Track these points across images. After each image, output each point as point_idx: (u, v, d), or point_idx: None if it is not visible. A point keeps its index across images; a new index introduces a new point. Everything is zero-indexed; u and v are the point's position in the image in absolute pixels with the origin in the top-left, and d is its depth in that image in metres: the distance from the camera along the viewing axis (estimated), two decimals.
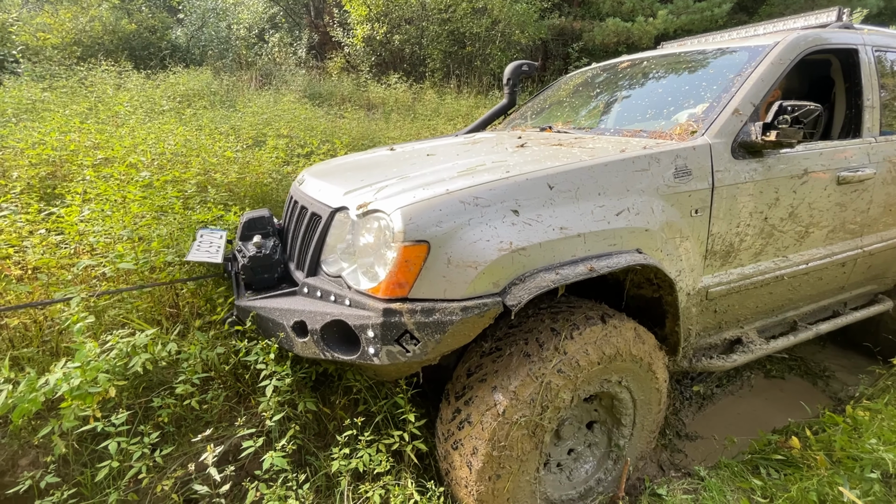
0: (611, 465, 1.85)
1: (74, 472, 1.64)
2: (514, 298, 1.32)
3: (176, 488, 1.64)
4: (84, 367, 1.50)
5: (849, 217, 2.23)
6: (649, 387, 1.75)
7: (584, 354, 1.52)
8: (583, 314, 1.60)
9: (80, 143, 3.50)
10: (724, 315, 2.01)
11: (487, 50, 10.40)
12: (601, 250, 1.49)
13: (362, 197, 1.52)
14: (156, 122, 4.78)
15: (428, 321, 1.30)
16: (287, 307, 1.55)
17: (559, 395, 1.48)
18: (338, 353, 1.44)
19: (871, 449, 1.85)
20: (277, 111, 6.18)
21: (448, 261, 1.32)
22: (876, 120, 2.29)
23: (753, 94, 1.89)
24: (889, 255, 2.55)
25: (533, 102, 3.22)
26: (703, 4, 10.15)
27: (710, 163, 1.74)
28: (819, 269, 2.22)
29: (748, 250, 1.94)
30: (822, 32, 2.15)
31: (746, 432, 2.43)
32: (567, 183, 1.49)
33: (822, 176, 2.05)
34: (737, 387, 2.95)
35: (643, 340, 1.66)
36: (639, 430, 1.84)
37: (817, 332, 2.38)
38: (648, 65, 2.52)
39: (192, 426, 1.84)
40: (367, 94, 8.80)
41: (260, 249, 1.79)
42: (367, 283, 1.41)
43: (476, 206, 1.37)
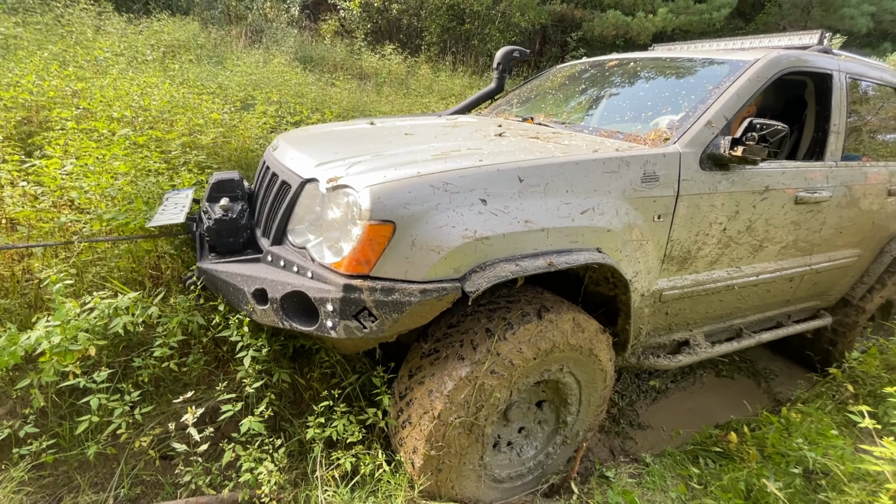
0: (559, 440, 1.94)
1: (52, 424, 1.68)
2: (473, 285, 1.36)
3: (152, 445, 1.71)
4: (64, 325, 1.54)
5: (802, 235, 2.35)
6: (592, 369, 1.81)
7: (517, 353, 1.55)
8: (519, 311, 1.61)
9: (59, 90, 3.33)
10: (675, 318, 2.11)
11: (486, 29, 10.21)
12: (563, 246, 1.53)
13: (334, 171, 1.51)
14: (139, 73, 4.58)
15: (387, 300, 1.33)
16: (249, 274, 1.55)
17: (494, 394, 1.54)
18: (296, 324, 1.46)
19: (797, 447, 2.03)
20: (267, 73, 5.96)
21: (412, 243, 1.34)
22: (839, 145, 2.40)
23: (728, 107, 1.95)
24: (834, 275, 2.71)
25: (520, 90, 3.22)
26: (702, 6, 10.18)
27: (677, 171, 1.80)
28: (768, 281, 2.35)
29: (704, 258, 2.02)
30: (800, 54, 2.22)
31: (692, 425, 2.61)
32: (537, 177, 1.52)
33: (782, 194, 2.14)
34: (689, 383, 3.14)
35: (583, 329, 1.70)
36: (585, 406, 1.91)
37: (759, 340, 2.52)
38: (635, 66, 2.55)
39: (170, 387, 1.89)
40: (361, 63, 8.54)
41: (227, 213, 1.77)
42: (330, 258, 1.42)
43: (445, 192, 1.39)
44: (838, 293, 2.90)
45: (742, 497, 1.86)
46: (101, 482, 1.70)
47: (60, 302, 1.59)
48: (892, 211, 2.76)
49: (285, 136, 2.14)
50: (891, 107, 2.78)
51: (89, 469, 1.71)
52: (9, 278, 1.91)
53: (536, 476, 1.92)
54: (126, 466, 1.71)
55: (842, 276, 2.78)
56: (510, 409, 1.79)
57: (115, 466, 1.72)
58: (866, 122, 2.67)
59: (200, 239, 1.84)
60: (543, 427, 1.93)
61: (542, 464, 1.92)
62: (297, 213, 1.62)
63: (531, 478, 1.91)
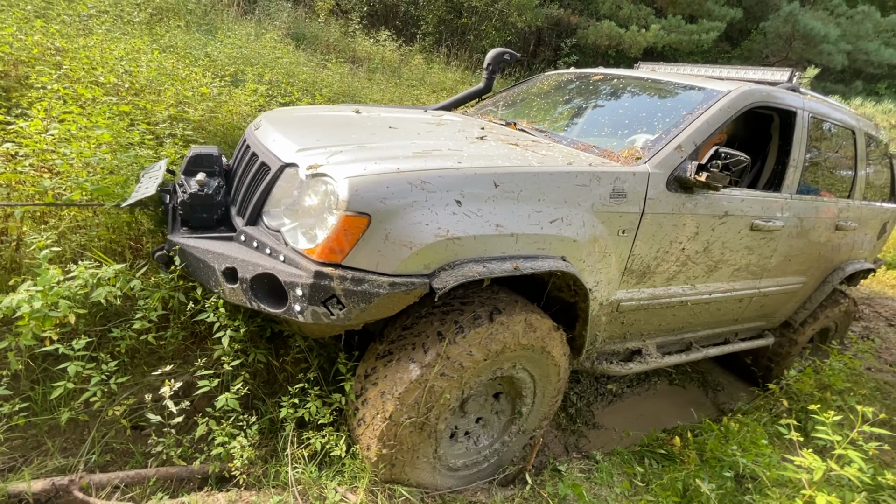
0: (515, 429, 2.03)
1: (25, 388, 1.68)
2: (441, 282, 1.42)
3: (125, 414, 1.73)
4: (47, 291, 1.55)
5: (754, 260, 2.51)
6: (545, 364, 1.88)
7: (467, 356, 1.59)
8: (471, 313, 1.64)
9: (41, 46, 3.18)
10: (631, 327, 2.23)
11: (483, 26, 10.21)
12: (530, 252, 1.61)
13: (314, 158, 1.53)
14: (125, 35, 4.40)
15: (356, 290, 1.37)
16: (221, 251, 1.56)
17: (444, 395, 1.61)
18: (264, 305, 1.48)
19: (731, 454, 2.21)
20: (258, 48, 5.80)
21: (386, 237, 1.39)
22: (796, 179, 2.56)
23: (698, 134, 2.06)
24: (780, 299, 2.90)
25: (508, 93, 3.27)
26: (693, 27, 10.48)
27: (645, 190, 1.89)
28: (720, 300, 2.50)
29: (662, 274, 2.14)
30: (770, 90, 2.35)
31: (642, 428, 2.79)
32: (512, 184, 1.58)
33: (739, 220, 2.28)
34: (644, 389, 3.33)
35: (535, 329, 1.74)
36: (540, 398, 2.00)
37: (707, 354, 2.69)
38: (618, 83, 2.64)
39: (145, 359, 1.91)
40: (354, 46, 8.39)
41: (203, 188, 1.76)
42: (304, 244, 1.45)
43: (422, 190, 1.43)
44: (782, 316, 3.10)
45: (679, 496, 2.02)
46: (71, 447, 1.71)
47: (45, 268, 1.60)
48: (837, 244, 2.97)
49: (268, 115, 2.13)
50: (847, 147, 2.97)
51: (60, 434, 1.72)
52: None
53: (493, 463, 2.01)
54: (97, 434, 1.72)
55: (787, 301, 2.98)
56: (467, 402, 1.87)
57: (86, 433, 1.73)
58: (823, 160, 2.85)
59: (173, 211, 1.82)
60: (500, 417, 2.02)
61: (499, 451, 2.02)
62: (274, 195, 1.63)
63: (487, 465, 2.00)
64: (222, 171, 1.95)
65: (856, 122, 2.98)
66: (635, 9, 10.60)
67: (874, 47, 11.72)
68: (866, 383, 3.30)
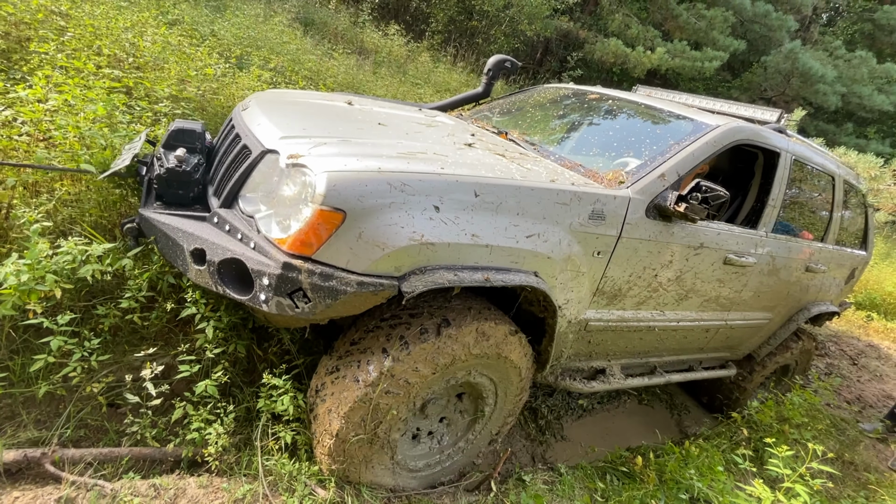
0: (479, 428, 2.05)
1: (3, 358, 1.68)
2: (410, 286, 1.41)
3: (102, 392, 1.72)
4: (34, 265, 1.56)
5: (724, 293, 2.56)
6: (504, 367, 1.87)
7: (413, 373, 1.58)
8: (418, 327, 1.61)
9: (46, 10, 3.08)
10: (597, 347, 2.26)
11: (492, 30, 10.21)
12: (503, 264, 1.61)
13: (297, 147, 1.52)
14: (131, 4, 4.30)
15: (323, 285, 1.36)
16: (191, 231, 1.53)
17: (391, 411, 1.61)
18: (230, 290, 1.46)
19: (689, 477, 2.27)
20: (265, 31, 5.70)
21: (359, 235, 1.38)
22: (773, 217, 2.62)
23: (682, 165, 2.09)
24: (746, 332, 2.98)
25: (506, 100, 3.28)
26: (697, 54, 10.63)
27: (624, 214, 1.92)
28: (687, 329, 2.55)
29: (633, 298, 2.18)
30: (757, 129, 2.40)
31: (607, 445, 2.85)
32: (493, 195, 1.58)
33: (713, 253, 2.32)
34: (614, 406, 3.40)
35: (488, 337, 1.72)
36: (502, 398, 2.00)
37: (669, 379, 2.74)
38: (613, 104, 2.66)
39: (127, 338, 1.91)
40: (362, 37, 8.29)
41: (181, 164, 1.73)
42: (276, 233, 1.43)
43: (402, 193, 1.43)
44: (746, 349, 3.18)
45: None
46: (45, 420, 1.71)
47: (35, 242, 1.60)
48: (806, 285, 3.06)
49: (258, 96, 2.10)
50: (825, 192, 3.05)
51: (35, 406, 1.72)
52: None
53: (458, 461, 2.03)
54: (73, 409, 1.72)
55: (752, 335, 3.05)
56: (428, 405, 1.88)
57: (61, 407, 1.73)
58: (801, 201, 2.92)
59: (148, 184, 1.78)
60: (464, 416, 2.04)
61: (463, 449, 2.04)
62: (252, 180, 1.61)
63: (451, 463, 2.02)
64: (204, 149, 1.91)
65: (836, 169, 3.07)
66: (643, 30, 10.71)
67: (868, 92, 12.05)
68: (823, 419, 3.42)
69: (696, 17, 10.64)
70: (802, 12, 12.34)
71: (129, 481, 1.52)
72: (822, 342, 5.34)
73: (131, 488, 1.48)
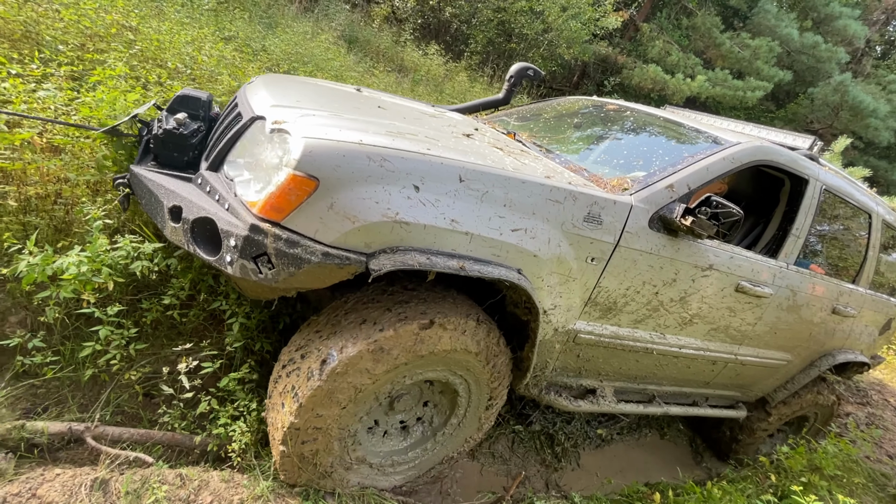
0: (455, 422, 1.96)
1: (56, 342, 1.81)
2: (378, 264, 1.36)
3: (140, 381, 1.85)
4: (93, 257, 1.69)
5: (734, 323, 2.38)
6: (463, 360, 1.72)
7: (347, 386, 1.50)
8: (350, 336, 1.52)
9: (119, 25, 3.37)
10: (587, 363, 2.12)
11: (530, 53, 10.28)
12: (482, 255, 1.54)
13: (283, 114, 1.50)
14: (193, 21, 4.67)
15: (288, 252, 1.32)
16: (173, 189, 1.53)
17: (333, 421, 1.55)
18: (200, 250, 1.44)
19: None
20: (312, 48, 5.97)
21: (331, 205, 1.34)
22: (796, 249, 2.43)
23: (694, 178, 1.97)
24: (759, 372, 2.75)
25: (526, 108, 3.24)
26: (739, 83, 10.36)
27: (623, 222, 1.81)
28: (690, 357, 2.37)
29: (630, 314, 2.04)
30: (780, 151, 2.25)
31: (625, 478, 2.75)
32: (479, 183, 1.52)
33: (724, 277, 2.17)
34: (634, 438, 3.27)
35: (433, 336, 1.58)
36: (475, 386, 1.86)
37: (668, 411, 2.55)
38: (630, 115, 2.57)
39: (166, 333, 2.03)
40: (402, 55, 8.55)
41: (179, 127, 1.75)
42: (249, 196, 1.41)
43: (380, 167, 1.38)
44: (759, 391, 2.94)
45: None
46: (87, 404, 1.83)
47: (96, 237, 1.73)
48: (831, 328, 2.82)
49: (265, 76, 2.13)
50: (860, 230, 2.83)
51: (79, 390, 1.84)
52: (44, 198, 2.01)
53: (437, 453, 1.96)
54: (112, 395, 1.84)
55: (766, 376, 2.82)
56: (398, 401, 1.80)
57: (102, 392, 1.85)
58: (831, 237, 2.72)
59: (146, 144, 1.81)
60: (440, 409, 1.96)
61: (439, 445, 1.96)
62: (239, 145, 1.60)
63: (429, 457, 1.94)
64: (207, 118, 1.94)
65: (874, 206, 2.84)
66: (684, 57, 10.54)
67: None
68: (861, 472, 3.12)
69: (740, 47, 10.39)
70: (854, 44, 11.87)
71: (158, 469, 1.58)
72: (863, 389, 4.95)
73: (160, 476, 1.55)
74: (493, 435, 2.73)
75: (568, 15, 9.94)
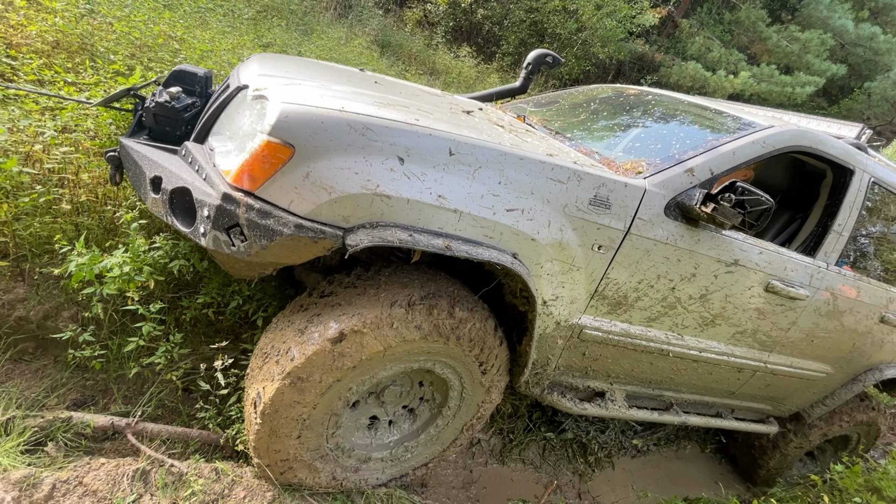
0: (450, 413, 1.84)
1: (104, 337, 1.92)
2: (355, 239, 1.26)
3: (180, 377, 1.93)
4: (135, 258, 1.80)
5: (764, 327, 2.16)
6: (449, 351, 1.59)
7: (287, 421, 1.45)
8: (271, 372, 1.43)
9: (166, 36, 3.54)
10: (594, 363, 1.96)
11: (564, 53, 10.05)
12: (472, 236, 1.42)
13: (267, 82, 1.44)
14: (233, 29, 4.86)
15: (260, 223, 1.24)
16: (156, 160, 1.49)
17: (306, 415, 1.47)
18: (178, 222, 1.39)
19: None
20: (346, 52, 6.05)
21: (307, 175, 1.25)
22: (838, 248, 2.19)
23: (718, 162, 1.79)
24: (793, 384, 2.50)
25: (544, 96, 3.09)
26: (786, 79, 9.75)
27: (636, 207, 1.65)
28: (712, 363, 2.17)
29: (642, 311, 1.87)
30: (822, 137, 2.02)
31: (662, 491, 2.64)
32: (471, 157, 1.40)
33: (752, 275, 1.96)
34: (672, 450, 3.14)
35: (356, 345, 1.43)
36: (464, 372, 1.72)
37: (686, 421, 2.34)
38: (651, 100, 2.39)
39: (204, 330, 2.11)
40: (435, 59, 8.57)
41: (172, 101, 1.72)
42: (226, 164, 1.35)
43: (362, 136, 1.29)
44: (793, 405, 2.68)
45: None
46: (131, 397, 1.94)
47: (133, 238, 1.82)
48: (879, 339, 2.53)
49: (263, 54, 2.09)
50: None
51: (124, 384, 1.95)
52: (94, 200, 2.10)
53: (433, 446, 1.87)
54: (155, 389, 1.94)
55: (802, 388, 2.56)
56: (384, 393, 1.70)
57: (145, 387, 1.96)
58: (880, 236, 2.44)
59: (139, 118, 1.79)
60: (430, 404, 1.86)
61: (436, 436, 1.87)
62: (224, 115, 1.55)
63: (424, 449, 1.86)
64: (203, 93, 1.90)
65: None
66: (726, 53, 10.02)
67: None
68: None
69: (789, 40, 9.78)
70: None
71: (195, 462, 1.63)
72: None
73: (196, 469, 1.60)
74: (523, 441, 2.65)
75: (603, 13, 9.66)
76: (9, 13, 2.85)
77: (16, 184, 1.92)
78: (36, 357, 1.90)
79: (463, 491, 2.32)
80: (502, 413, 2.68)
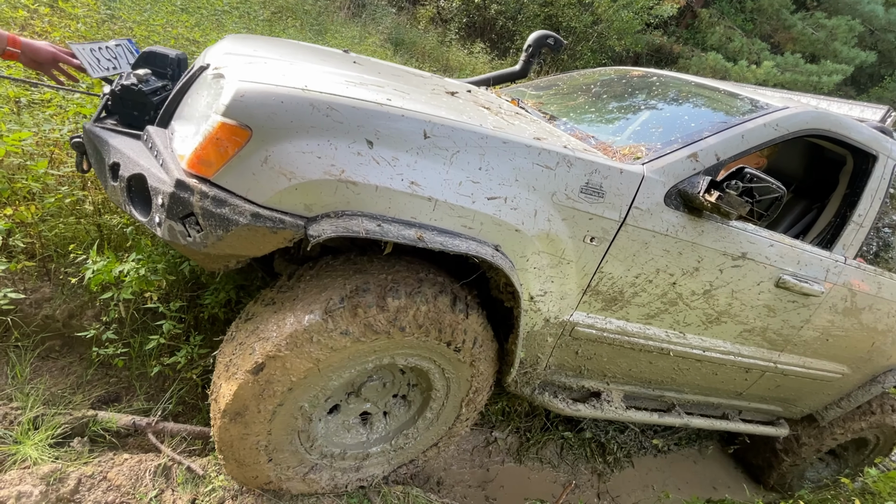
0: (436, 406, 1.73)
1: (126, 335, 1.94)
2: (318, 229, 1.16)
3: (200, 374, 1.94)
4: (146, 260, 1.83)
5: (774, 325, 2.01)
6: (399, 343, 1.45)
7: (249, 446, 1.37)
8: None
9: (183, 39, 3.58)
10: (588, 362, 1.85)
11: (579, 46, 9.79)
12: (449, 226, 1.31)
13: (229, 60, 1.34)
14: (249, 31, 4.88)
15: (215, 212, 1.15)
16: (116, 145, 1.40)
17: (264, 441, 1.40)
18: (135, 211, 1.31)
19: None
20: (359, 51, 5.98)
21: (265, 159, 1.15)
22: (857, 240, 2.02)
23: (724, 146, 1.64)
24: (806, 385, 2.35)
25: (545, 79, 2.94)
26: (812, 68, 9.35)
27: (632, 195, 1.52)
28: (717, 362, 2.03)
29: (640, 307, 1.74)
30: (842, 119, 1.85)
31: (683, 492, 2.59)
32: (448, 141, 1.29)
33: (761, 269, 1.82)
34: (693, 451, 3.06)
35: (278, 370, 1.32)
36: (448, 366, 1.61)
37: (688, 423, 2.22)
38: (656, 81, 2.23)
39: (222, 328, 2.06)
40: (448, 55, 8.46)
41: (139, 83, 1.62)
42: (182, 149, 1.26)
43: (326, 117, 1.18)
44: (806, 407, 2.52)
45: None
46: (153, 394, 1.96)
47: (138, 241, 1.88)
48: None
49: (238, 34, 1.99)
50: None
51: (146, 381, 1.97)
52: None
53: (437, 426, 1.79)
54: (175, 387, 1.95)
55: (815, 390, 2.41)
56: (363, 388, 1.61)
57: (167, 385, 1.98)
58: None
59: (106, 101, 1.71)
60: (415, 395, 1.76)
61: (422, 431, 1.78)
62: (187, 96, 1.46)
63: (414, 443, 1.77)
64: (176, 76, 1.81)
65: None
66: (748, 42, 9.64)
67: None
68: None
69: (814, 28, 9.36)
70: None
71: (215, 459, 1.62)
72: None
73: (217, 466, 1.60)
74: (540, 440, 2.59)
75: (618, 5, 9.37)
76: (34, 20, 2.96)
77: (42, 185, 1.95)
78: (62, 355, 1.93)
79: (479, 489, 2.29)
80: (519, 412, 2.62)
